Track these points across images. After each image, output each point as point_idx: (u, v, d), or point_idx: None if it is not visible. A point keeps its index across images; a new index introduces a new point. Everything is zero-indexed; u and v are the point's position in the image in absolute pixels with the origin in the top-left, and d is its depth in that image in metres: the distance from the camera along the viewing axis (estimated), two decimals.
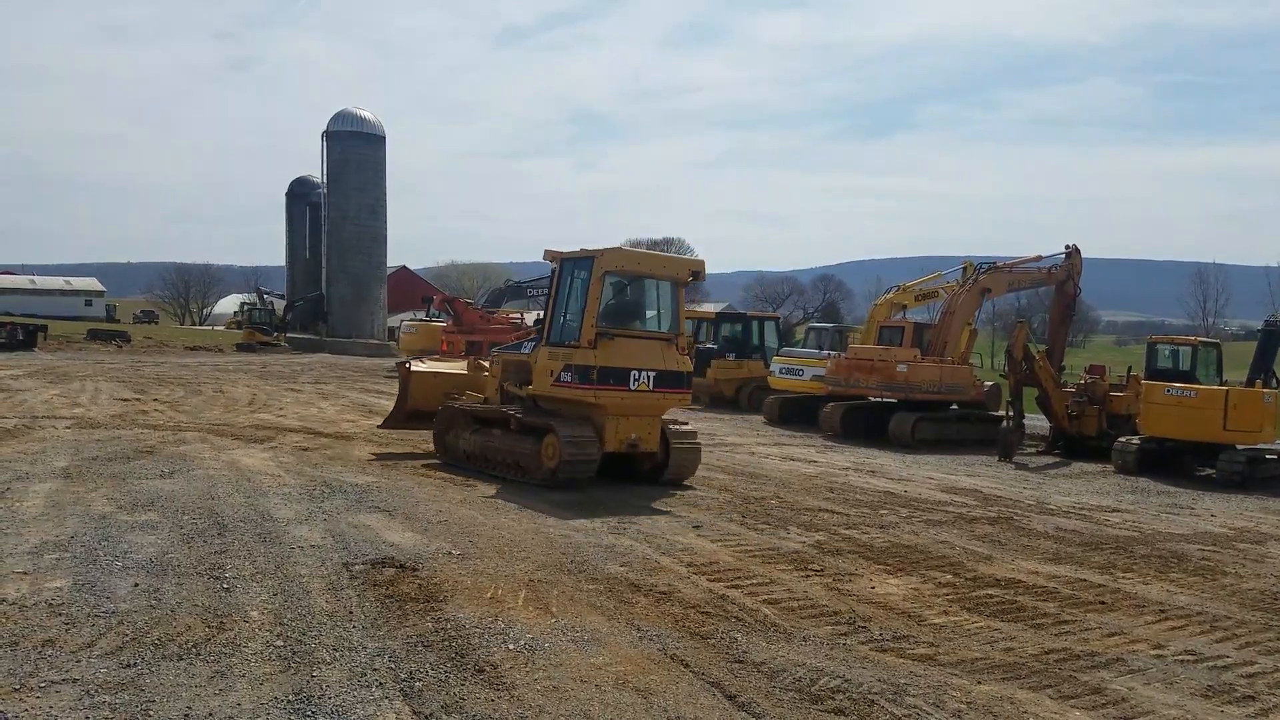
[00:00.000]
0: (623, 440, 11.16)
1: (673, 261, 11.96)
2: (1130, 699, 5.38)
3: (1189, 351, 18.60)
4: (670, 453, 11.55)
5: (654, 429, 11.47)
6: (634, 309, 11.73)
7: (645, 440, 11.37)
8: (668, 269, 11.74)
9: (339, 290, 55.91)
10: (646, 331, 11.60)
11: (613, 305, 11.36)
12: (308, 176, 60.40)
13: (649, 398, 11.14)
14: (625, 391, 10.91)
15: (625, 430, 11.15)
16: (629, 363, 10.94)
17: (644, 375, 10.99)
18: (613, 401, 10.91)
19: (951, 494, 12.81)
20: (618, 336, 11.01)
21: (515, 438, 11.42)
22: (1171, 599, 7.79)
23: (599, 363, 10.73)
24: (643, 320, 11.77)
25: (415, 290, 67.84)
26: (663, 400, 11.35)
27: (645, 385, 11.02)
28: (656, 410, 11.45)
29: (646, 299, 11.80)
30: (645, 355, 11.14)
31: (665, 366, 11.21)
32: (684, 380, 11.53)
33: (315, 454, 12.47)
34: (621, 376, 10.86)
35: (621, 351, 10.95)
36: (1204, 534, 10.98)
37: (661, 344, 11.43)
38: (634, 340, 11.23)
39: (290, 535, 7.79)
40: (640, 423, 11.29)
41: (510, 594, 6.49)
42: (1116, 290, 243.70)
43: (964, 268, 22.03)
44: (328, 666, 5.03)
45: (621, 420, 11.11)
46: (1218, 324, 78.46)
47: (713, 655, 5.62)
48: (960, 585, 7.78)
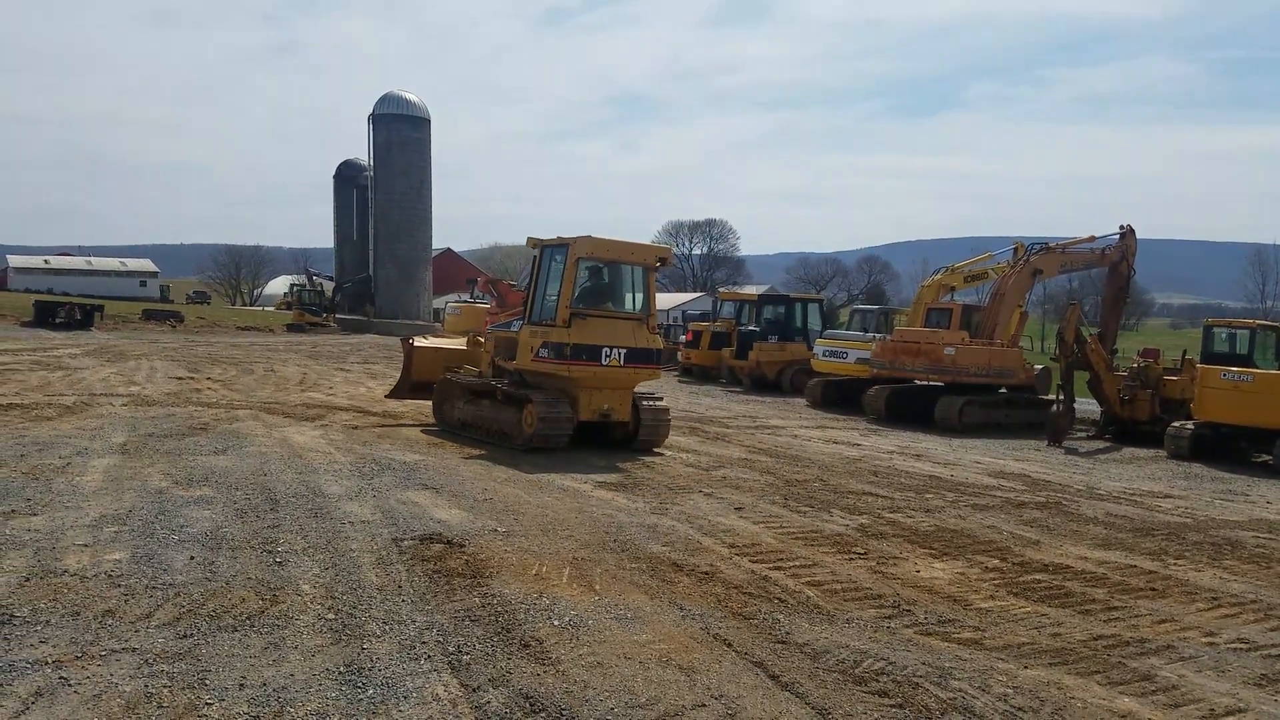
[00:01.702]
0: (595, 410, 12.18)
1: (641, 248, 12.87)
2: (1180, 686, 5.29)
3: (1246, 335, 18.09)
4: (640, 422, 12.51)
5: (625, 401, 12.46)
6: (607, 291, 12.65)
7: (616, 411, 12.37)
8: (636, 255, 12.64)
9: (386, 272, 56.51)
10: (618, 312, 12.55)
11: (587, 288, 12.31)
12: (355, 159, 60.94)
13: (620, 372, 12.13)
14: (597, 366, 11.90)
15: (598, 402, 12.17)
16: (601, 340, 11.89)
17: (615, 352, 11.97)
18: (585, 375, 11.91)
19: (999, 478, 12.64)
20: (591, 316, 12.01)
21: (500, 407, 12.51)
22: (1224, 586, 7.62)
23: (573, 340, 11.71)
24: (615, 302, 12.69)
25: (460, 272, 68.41)
26: (633, 375, 12.35)
27: (616, 361, 12.00)
28: (627, 384, 12.46)
29: (620, 282, 12.76)
30: (616, 334, 12.08)
31: (635, 344, 12.19)
32: (654, 356, 12.54)
33: (364, 432, 12.69)
34: (594, 353, 11.84)
35: (594, 330, 11.92)
36: (1259, 521, 10.72)
37: (632, 324, 12.41)
38: (606, 320, 12.18)
39: (340, 511, 7.94)
40: (612, 395, 12.29)
41: (554, 571, 6.57)
42: (1172, 272, 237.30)
43: (1015, 249, 21.61)
44: (377, 639, 5.14)
45: (595, 392, 12.11)
46: (1277, 306, 76.15)
47: (755, 635, 5.63)
48: (1007, 570, 7.69)
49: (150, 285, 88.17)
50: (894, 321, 24.95)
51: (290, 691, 4.44)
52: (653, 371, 12.68)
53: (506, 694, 4.55)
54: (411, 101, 57.62)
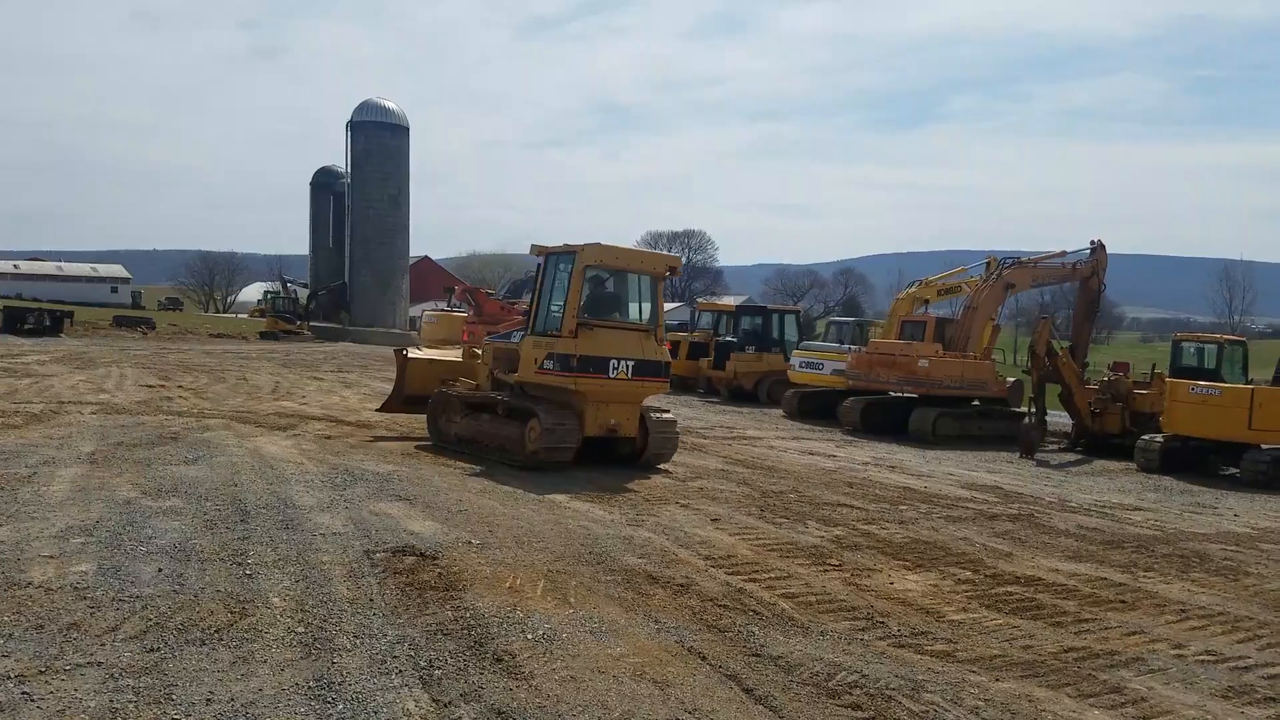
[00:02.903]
0: (602, 425, 11.70)
1: (650, 257, 12.49)
2: (1150, 698, 5.35)
3: (1214, 349, 18.39)
4: (649, 437, 12.11)
5: (633, 415, 12.00)
6: (614, 301, 12.20)
7: (624, 425, 11.91)
8: (645, 264, 12.24)
9: (361, 279, 56.26)
10: (626, 323, 12.06)
11: (594, 298, 11.85)
12: (332, 166, 60.75)
13: (627, 385, 11.64)
14: (604, 379, 11.41)
15: (605, 416, 11.70)
16: (608, 352, 11.42)
17: (623, 364, 11.47)
18: (592, 388, 11.41)
19: (972, 490, 12.74)
20: (598, 327, 11.51)
21: (502, 422, 12.04)
22: (1193, 599, 7.71)
23: (579, 351, 11.23)
24: (623, 312, 12.23)
25: (437, 280, 68.12)
26: (641, 388, 11.87)
27: (624, 374, 11.50)
28: (635, 397, 11.97)
29: (627, 292, 12.32)
30: (624, 345, 11.61)
31: (644, 356, 11.70)
32: (662, 369, 12.04)
33: (337, 442, 12.58)
34: (601, 365, 11.34)
35: (601, 341, 11.45)
36: (1227, 534, 10.87)
37: (640, 335, 11.93)
38: (613, 331, 11.70)
39: (312, 522, 7.86)
40: (620, 409, 11.82)
41: (529, 584, 6.53)
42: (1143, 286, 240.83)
43: (987, 262, 21.88)
44: (348, 653, 5.08)
45: (601, 406, 11.64)
46: (1244, 321, 77.50)
47: (730, 648, 5.63)
48: (980, 582, 7.75)
49: (122, 291, 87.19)
50: (869, 334, 25.13)
51: (259, 706, 4.38)
52: (661, 385, 12.25)
53: (478, 709, 4.51)
54: (390, 109, 57.50)
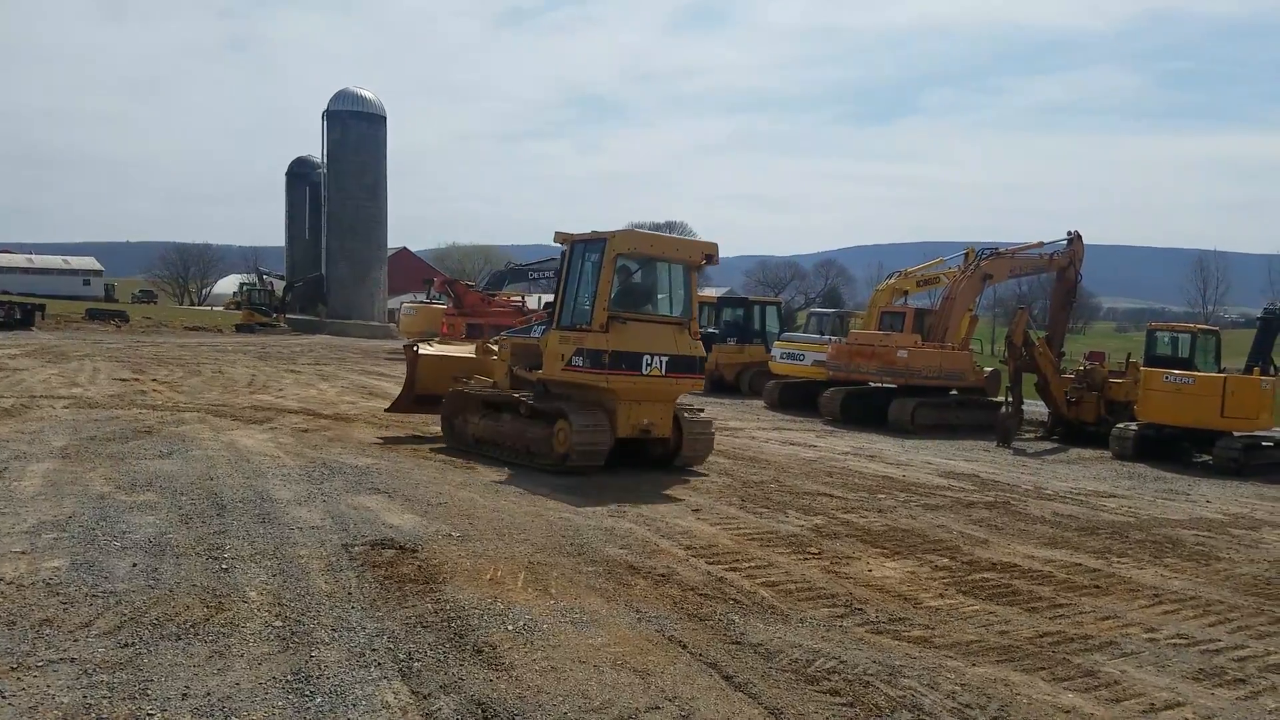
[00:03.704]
0: (635, 426, 11.04)
1: (686, 244, 11.69)
2: (1123, 681, 5.42)
3: (1188, 339, 18.64)
4: (683, 438, 11.49)
5: (666, 414, 11.35)
6: (646, 292, 11.53)
7: (658, 426, 11.25)
8: (680, 252, 11.49)
9: (338, 271, 55.80)
10: (659, 316, 11.40)
11: (624, 289, 11.17)
12: (308, 157, 60.14)
13: (661, 383, 10.97)
14: (637, 376, 10.73)
15: (637, 416, 11.03)
16: (641, 347, 10.76)
17: (656, 360, 10.81)
18: (624, 386, 10.75)
19: (949, 479, 12.84)
20: (630, 320, 10.86)
21: (525, 423, 11.33)
22: (1166, 583, 7.82)
23: (611, 347, 10.56)
24: (655, 304, 11.58)
25: (416, 272, 67.79)
26: (675, 385, 11.20)
27: (658, 370, 10.83)
28: (669, 395, 11.32)
29: (659, 282, 11.60)
30: (658, 340, 10.96)
31: (678, 351, 11.05)
32: (697, 365, 11.36)
33: (315, 435, 12.49)
34: (634, 361, 10.67)
35: (634, 336, 10.78)
36: (1199, 520, 11.02)
37: (674, 328, 11.25)
38: (646, 324, 11.05)
39: (289, 516, 7.81)
40: (653, 408, 11.16)
41: (509, 576, 6.52)
42: (1118, 277, 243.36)
43: (966, 254, 22.01)
44: (326, 647, 5.06)
45: (634, 405, 10.98)
46: (1217, 311, 78.48)
47: (710, 636, 5.65)
48: (956, 569, 7.82)
49: (94, 284, 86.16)
50: (850, 325, 25.23)
51: (235, 701, 4.35)
52: (696, 382, 11.56)
53: (458, 700, 4.50)
54: (367, 98, 56.99)
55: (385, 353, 35.59)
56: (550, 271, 36.91)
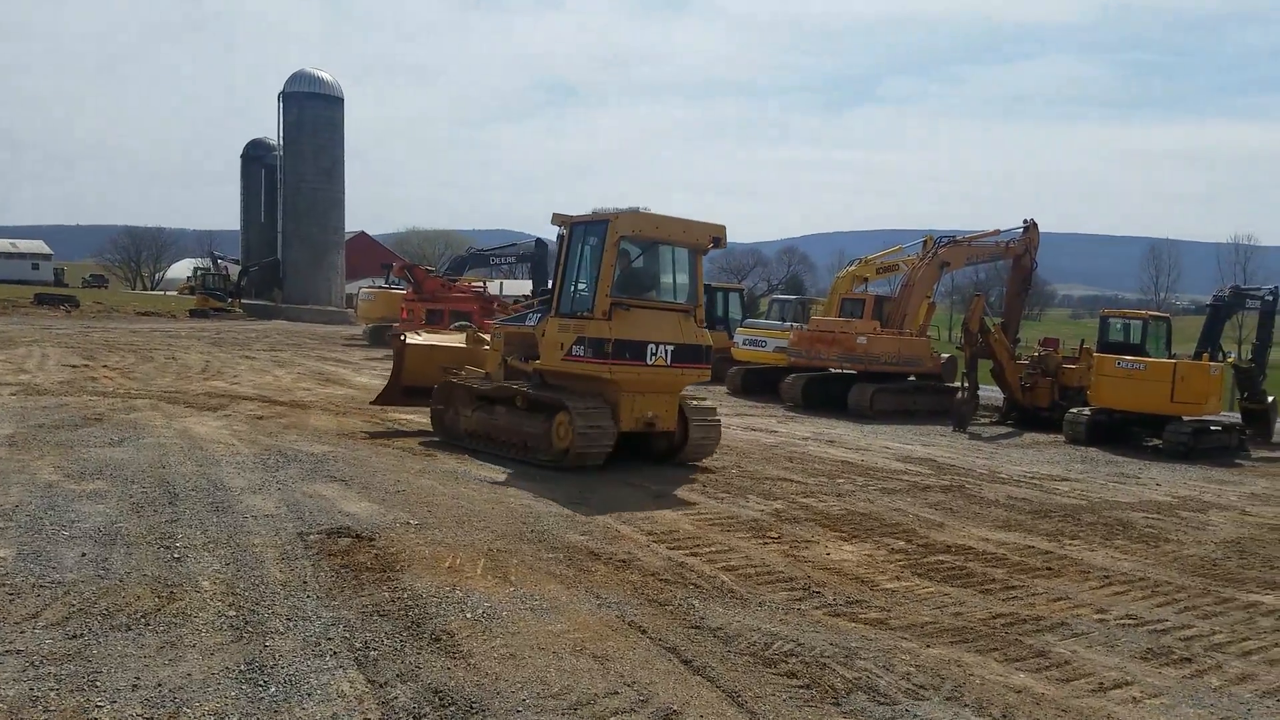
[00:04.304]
0: (638, 419, 10.49)
1: (693, 226, 10.80)
2: (1073, 661, 5.53)
3: (1139, 325, 19.01)
4: (688, 431, 10.97)
5: (671, 406, 10.82)
6: (650, 278, 10.91)
7: (663, 419, 10.71)
8: (688, 234, 10.73)
9: (295, 255, 55.00)
10: (663, 302, 10.80)
11: (626, 274, 10.55)
12: (264, 139, 59.15)
13: (666, 373, 10.41)
14: (641, 366, 10.15)
15: (641, 408, 10.48)
16: (645, 335, 10.17)
17: (661, 349, 10.23)
18: (628, 377, 10.17)
19: (907, 463, 13.00)
20: (634, 307, 10.28)
21: (522, 416, 10.78)
22: (1116, 565, 8.00)
23: (614, 335, 9.95)
24: (658, 290, 10.96)
25: (374, 256, 67.02)
26: (681, 376, 10.65)
27: (662, 360, 10.26)
28: (674, 386, 10.78)
29: (663, 267, 10.97)
30: (662, 328, 10.39)
31: (683, 340, 10.48)
32: (703, 354, 10.76)
33: (270, 422, 12.30)
34: (638, 350, 10.09)
35: (638, 323, 10.21)
36: (1149, 502, 11.28)
37: (679, 315, 10.67)
38: (650, 311, 10.47)
39: (243, 504, 7.69)
40: (657, 400, 10.61)
41: (469, 563, 6.48)
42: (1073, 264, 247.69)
43: (924, 241, 22.23)
44: (280, 636, 4.99)
45: (637, 397, 10.42)
46: (1169, 298, 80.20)
47: (670, 621, 5.67)
48: (912, 552, 7.93)
49: (44, 268, 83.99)
50: (811, 312, 25.39)
51: (187, 691, 4.28)
52: (703, 372, 10.92)
53: (415, 689, 4.47)
54: (324, 80, 56.10)
55: (343, 338, 35.18)
56: (512, 257, 36.67)
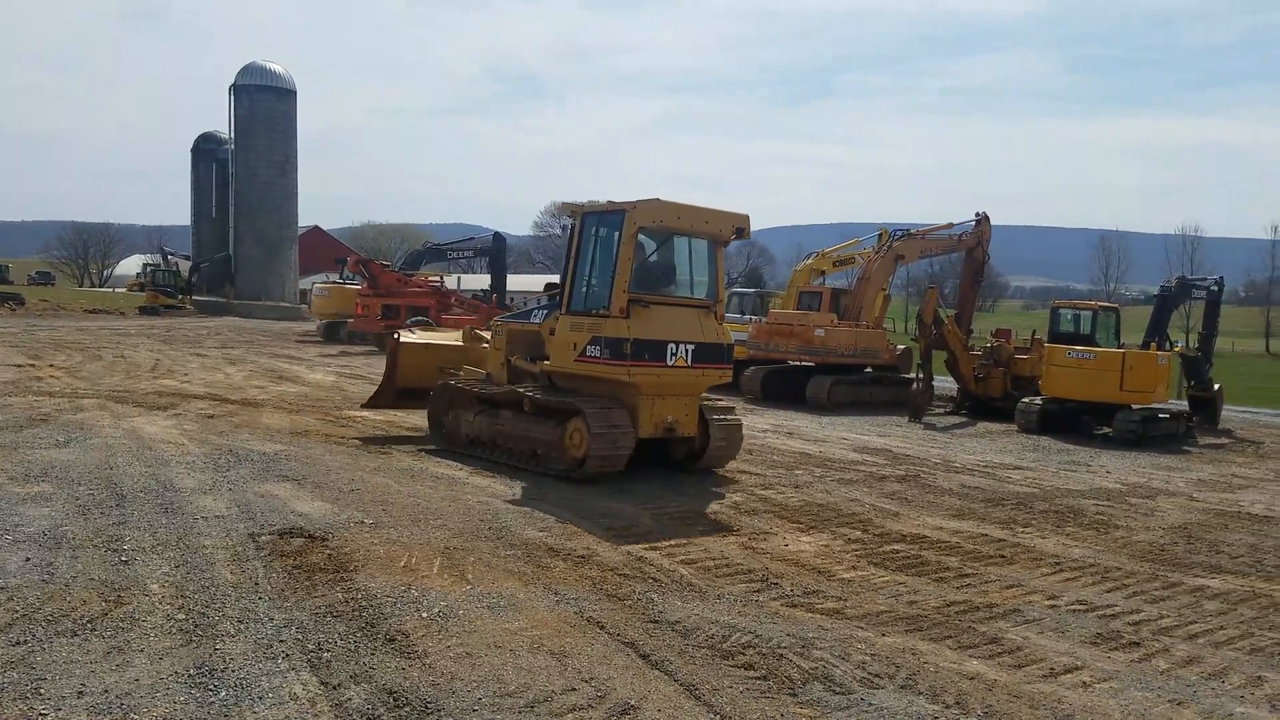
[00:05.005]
0: (658, 424, 9.80)
1: (716, 216, 10.01)
2: (1025, 648, 5.63)
3: (1089, 316, 19.39)
4: (710, 437, 10.27)
5: (691, 410, 10.14)
6: (667, 272, 10.16)
7: (682, 423, 10.02)
8: (711, 225, 9.98)
9: (247, 251, 54.12)
10: (683, 298, 10.09)
11: (643, 267, 9.82)
12: (214, 132, 58.12)
13: (687, 374, 9.75)
14: (661, 368, 9.51)
15: (660, 412, 9.79)
16: (665, 335, 9.52)
17: (681, 349, 9.58)
18: (648, 380, 9.50)
19: (863, 454, 13.14)
20: (653, 304, 9.60)
21: (530, 421, 10.07)
22: (1067, 552, 8.15)
23: (633, 335, 9.29)
24: (676, 284, 10.22)
25: (329, 251, 66.09)
26: (702, 378, 9.99)
27: (683, 360, 9.60)
28: (695, 389, 10.14)
29: (681, 259, 10.25)
30: (682, 326, 9.72)
31: (704, 339, 9.82)
32: (725, 354, 10.12)
33: (221, 421, 12.07)
34: (658, 351, 9.43)
35: (657, 322, 9.52)
36: (1099, 490, 11.52)
37: (699, 312, 10.02)
38: (670, 308, 9.79)
39: (193, 505, 7.54)
40: (676, 403, 9.93)
41: (424, 562, 6.42)
42: (1025, 256, 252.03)
43: (879, 234, 22.49)
44: (231, 639, 4.90)
45: (657, 401, 9.75)
46: (1119, 289, 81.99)
47: (629, 616, 5.66)
48: (868, 541, 8.01)
49: None
50: (770, 304, 25.54)
51: (135, 697, 4.18)
52: (724, 373, 10.23)
53: (369, 690, 4.41)
54: (276, 72, 55.17)
55: (296, 335, 34.69)
56: (470, 251, 36.37)
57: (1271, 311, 71.94)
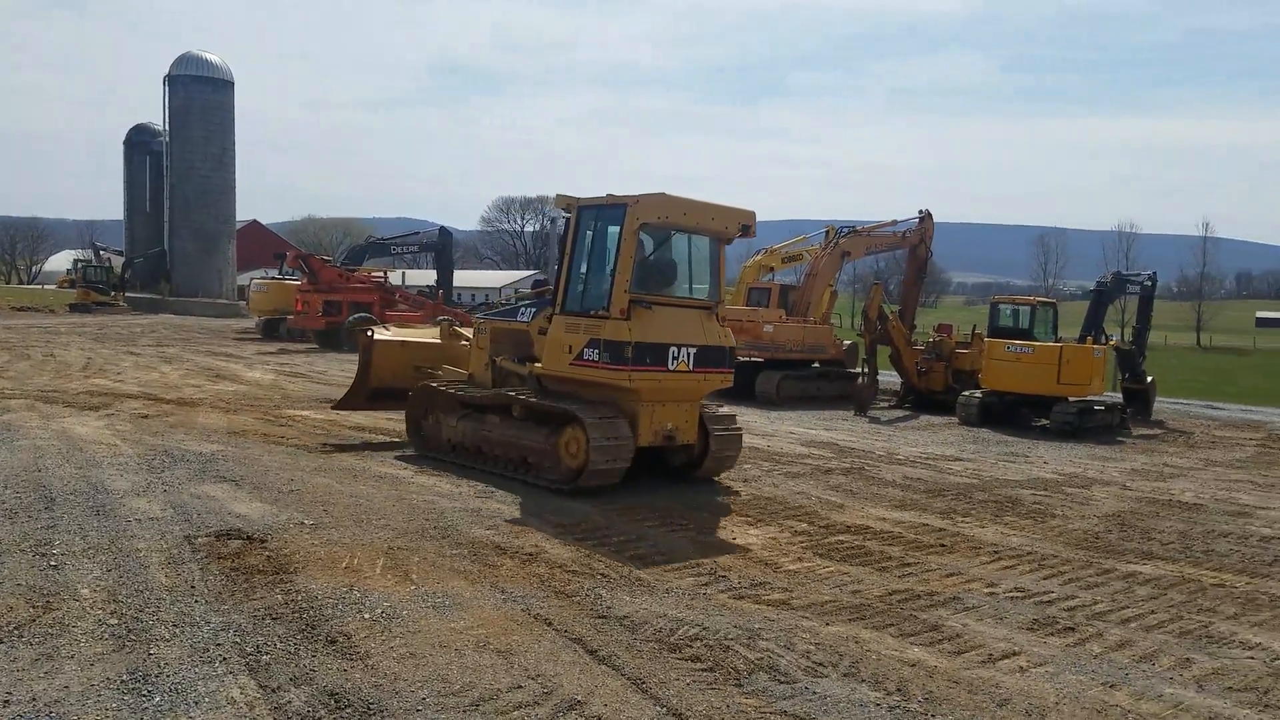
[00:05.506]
0: (658, 432, 9.26)
1: (723, 211, 9.47)
2: (964, 634, 5.74)
3: (1028, 311, 19.86)
4: (709, 444, 9.75)
5: (692, 416, 9.58)
6: (668, 270, 9.57)
7: (683, 430, 9.49)
8: (716, 221, 9.43)
9: (183, 246, 52.82)
10: (684, 298, 9.56)
11: (644, 265, 9.25)
12: (148, 124, 56.52)
13: (688, 379, 9.21)
14: (663, 372, 8.97)
15: (661, 419, 9.25)
16: (668, 337, 9.00)
17: (683, 352, 9.07)
18: (649, 385, 8.95)
19: (810, 447, 13.28)
20: (655, 305, 9.05)
21: (520, 427, 9.53)
22: (1005, 540, 8.34)
23: (635, 338, 8.73)
24: (677, 283, 9.66)
25: (268, 246, 64.79)
26: (703, 382, 9.42)
27: (685, 364, 9.08)
28: (696, 394, 9.58)
29: (680, 257, 9.71)
30: (684, 328, 9.20)
31: (706, 341, 9.29)
32: (727, 357, 9.54)
33: (156, 421, 11.75)
34: (659, 354, 8.89)
35: (659, 324, 8.98)
36: (1036, 480, 11.80)
37: (701, 313, 9.48)
38: (672, 309, 9.25)
39: (127, 508, 7.32)
40: (677, 409, 9.38)
41: (367, 563, 6.31)
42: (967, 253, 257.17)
43: (826, 231, 22.74)
44: (166, 644, 4.77)
45: (657, 407, 9.21)
46: (1057, 285, 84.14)
47: (577, 612, 5.64)
48: (814, 533, 8.10)
49: None
50: None
51: (65, 705, 4.05)
52: (725, 377, 9.59)
53: (309, 692, 4.33)
54: (213, 62, 53.85)
55: (234, 332, 33.93)
56: (415, 246, 35.89)
57: (1203, 306, 74.42)
